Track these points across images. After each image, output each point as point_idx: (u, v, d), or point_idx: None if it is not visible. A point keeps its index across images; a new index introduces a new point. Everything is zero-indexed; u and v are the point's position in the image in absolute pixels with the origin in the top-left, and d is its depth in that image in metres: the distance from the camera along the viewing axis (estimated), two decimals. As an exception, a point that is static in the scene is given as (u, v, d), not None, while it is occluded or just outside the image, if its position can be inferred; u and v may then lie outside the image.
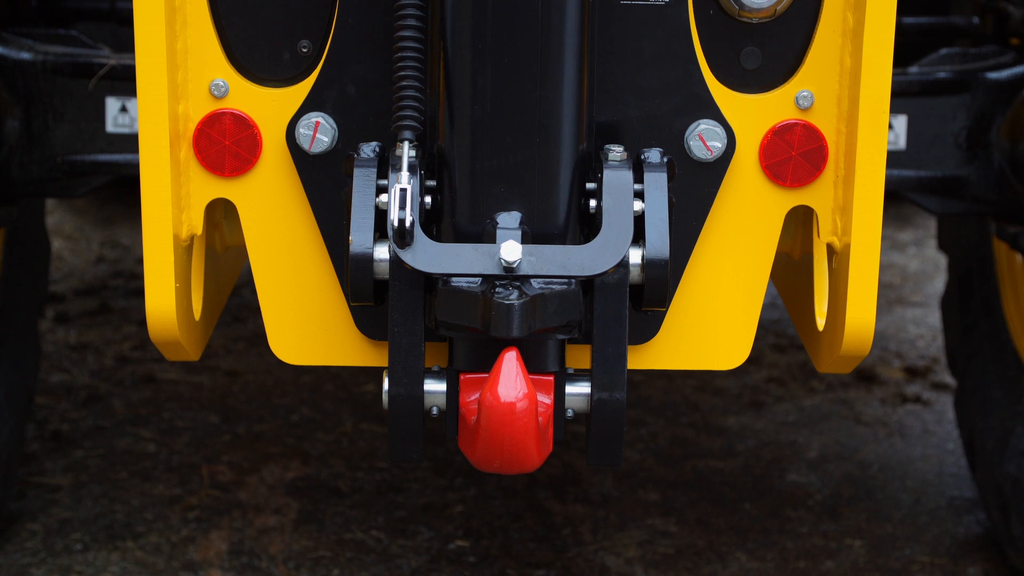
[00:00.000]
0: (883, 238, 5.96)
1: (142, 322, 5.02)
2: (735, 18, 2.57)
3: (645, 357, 2.70)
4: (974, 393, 3.75)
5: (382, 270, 2.46)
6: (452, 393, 2.52)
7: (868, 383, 4.72)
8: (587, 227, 2.53)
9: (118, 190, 6.07)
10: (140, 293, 5.34)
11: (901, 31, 3.66)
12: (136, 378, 4.60)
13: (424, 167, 2.49)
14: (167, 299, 2.54)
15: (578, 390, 2.53)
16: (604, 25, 2.55)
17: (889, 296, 5.56)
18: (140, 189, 2.52)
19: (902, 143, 3.28)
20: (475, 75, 2.44)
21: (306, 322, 2.68)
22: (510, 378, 2.38)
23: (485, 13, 2.41)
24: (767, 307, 5.11)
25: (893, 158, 3.24)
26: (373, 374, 4.62)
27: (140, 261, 5.67)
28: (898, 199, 3.53)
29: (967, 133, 3.25)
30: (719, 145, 2.60)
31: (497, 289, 2.41)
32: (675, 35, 2.57)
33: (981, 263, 3.80)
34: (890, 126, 3.26)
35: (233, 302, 5.19)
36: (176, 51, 2.53)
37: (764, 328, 5.08)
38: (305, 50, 2.61)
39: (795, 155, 2.60)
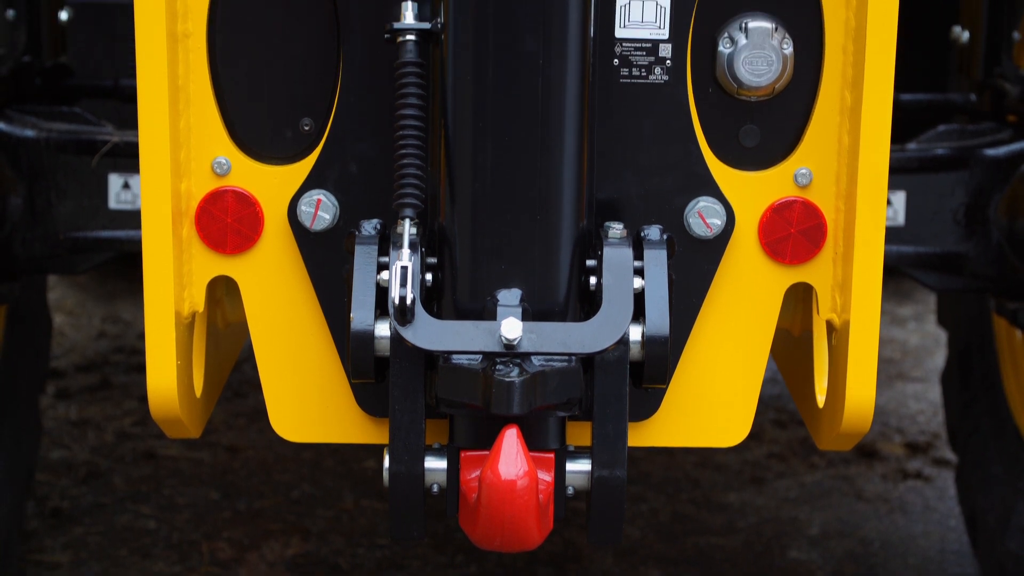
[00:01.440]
0: (883, 313, 5.96)
1: (143, 397, 5.02)
2: (734, 96, 2.59)
3: (646, 434, 2.70)
4: (975, 469, 3.74)
5: (383, 347, 2.47)
6: (453, 470, 2.52)
7: (869, 459, 4.71)
8: (587, 304, 2.54)
9: (119, 265, 6.08)
10: (141, 368, 5.34)
11: (899, 108, 3.68)
12: (136, 454, 4.59)
13: (425, 244, 2.50)
14: (168, 376, 2.54)
15: (579, 467, 2.53)
16: (604, 103, 2.57)
17: (890, 371, 5.56)
18: (142, 266, 2.53)
19: (901, 219, 3.29)
20: (475, 153, 2.46)
21: (307, 399, 2.68)
22: (511, 456, 2.38)
23: (485, 92, 2.43)
24: (767, 382, 5.11)
25: (892, 234, 3.25)
26: (374, 450, 4.61)
27: (141, 336, 5.68)
28: (898, 274, 3.54)
29: (965, 209, 3.26)
30: (718, 222, 2.61)
31: (498, 366, 2.41)
32: (674, 113, 2.59)
33: (981, 339, 3.81)
34: (889, 202, 3.27)
35: (234, 377, 5.19)
36: (179, 129, 2.55)
37: (764, 403, 5.08)
38: (307, 128, 2.62)
39: (794, 232, 2.61)
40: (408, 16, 2.46)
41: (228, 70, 2.59)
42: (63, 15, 3.64)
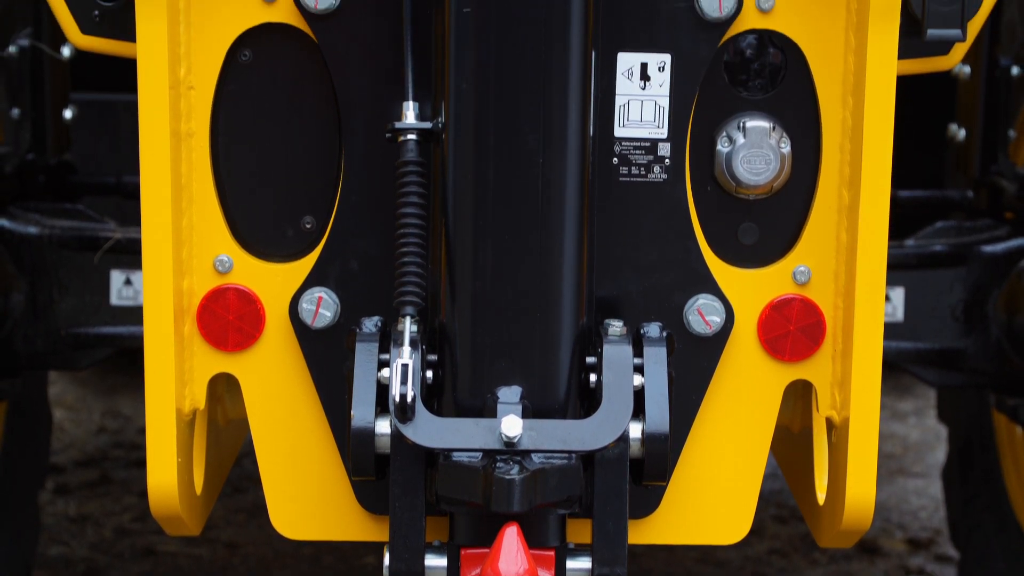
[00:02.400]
0: (883, 408, 5.96)
1: (142, 493, 5.00)
2: (732, 195, 2.61)
3: (646, 531, 2.70)
4: (978, 565, 3.73)
5: (383, 444, 2.47)
6: (453, 568, 2.51)
7: (871, 555, 4.69)
8: (587, 401, 2.54)
9: (120, 360, 6.08)
10: (141, 463, 5.33)
11: (897, 204, 3.70)
12: (135, 551, 4.57)
13: (425, 341, 2.51)
14: (169, 474, 2.54)
15: (579, 565, 2.52)
16: (603, 201, 2.59)
17: (890, 466, 5.55)
18: (143, 361, 2.54)
19: (900, 315, 3.31)
20: (476, 251, 2.47)
21: (307, 496, 2.68)
22: (511, 553, 2.38)
23: (486, 191, 2.45)
24: (768, 477, 5.10)
25: (891, 330, 3.27)
26: (374, 546, 4.59)
27: (141, 431, 5.67)
28: (898, 369, 3.55)
29: (964, 306, 3.28)
30: (718, 320, 2.62)
31: (498, 464, 2.41)
32: (673, 211, 2.61)
33: (981, 434, 3.81)
34: (888, 298, 3.29)
35: (234, 472, 5.18)
36: (181, 228, 2.56)
37: (765, 499, 5.07)
38: (308, 226, 2.64)
39: (793, 330, 2.62)
40: (409, 116, 2.49)
41: (231, 169, 2.62)
42: (67, 113, 3.68)
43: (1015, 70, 3.45)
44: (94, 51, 2.62)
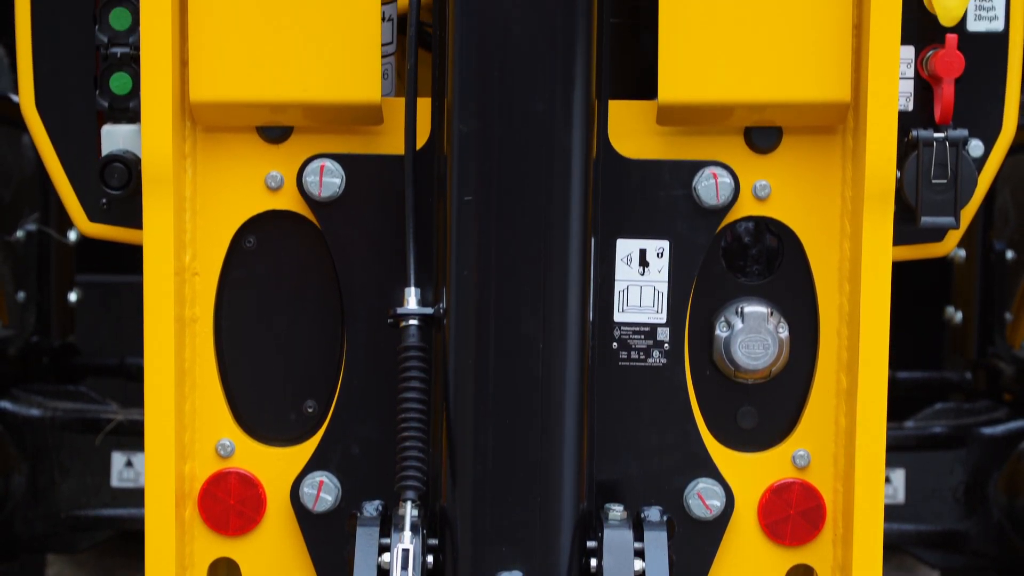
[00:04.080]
0: (887, 588, 5.90)
1: (138, 677, 4.94)
2: (731, 379, 2.63)
3: None
4: None
5: (384, 630, 2.46)
6: None
7: None
8: (588, 584, 2.54)
9: (118, 540, 6.04)
10: (137, 646, 5.27)
11: (895, 386, 3.73)
12: None
13: (426, 526, 2.51)
14: (168, 661, 2.53)
15: None
16: (603, 385, 2.61)
17: (895, 648, 5.49)
18: (143, 544, 2.54)
19: (900, 496, 3.31)
20: (476, 436, 2.48)
21: None
22: None
23: (486, 376, 2.47)
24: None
25: (892, 511, 3.27)
26: None
27: (139, 613, 5.61)
28: (900, 549, 3.54)
29: (965, 487, 3.28)
30: (718, 504, 2.62)
31: (499, 651, 2.40)
32: (672, 395, 2.62)
33: (987, 617, 3.78)
34: (888, 479, 3.30)
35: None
36: (184, 412, 2.58)
37: None
38: (310, 410, 2.66)
39: (793, 514, 2.62)
40: (411, 301, 2.51)
41: (234, 354, 2.64)
42: (72, 296, 3.72)
43: (1010, 254, 3.50)
44: (101, 238, 2.65)
